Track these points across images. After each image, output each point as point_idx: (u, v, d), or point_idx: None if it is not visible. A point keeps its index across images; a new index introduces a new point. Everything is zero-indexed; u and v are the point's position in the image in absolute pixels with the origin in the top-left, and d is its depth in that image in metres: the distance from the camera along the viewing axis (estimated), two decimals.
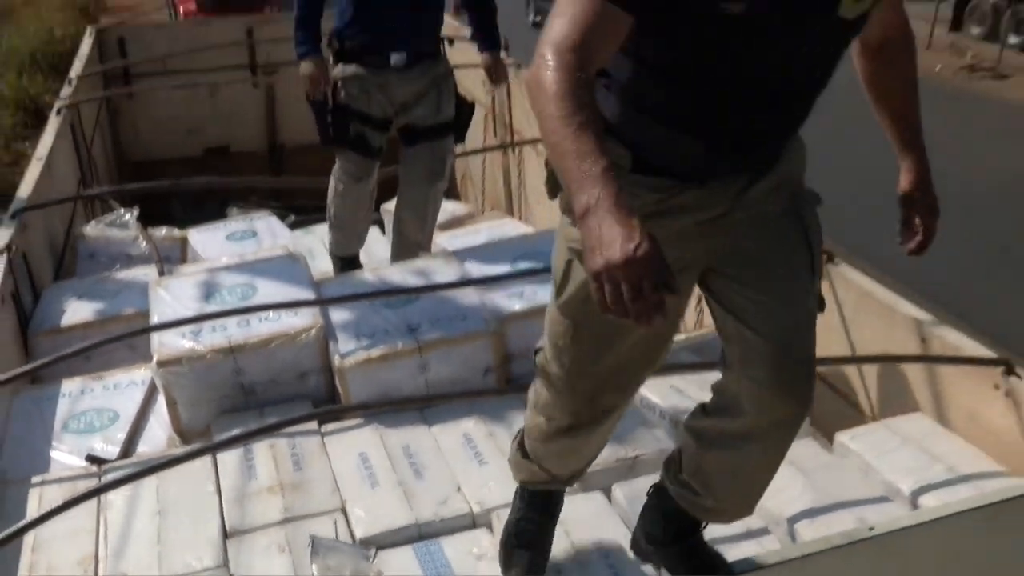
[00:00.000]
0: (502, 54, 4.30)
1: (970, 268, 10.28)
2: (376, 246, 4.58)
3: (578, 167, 1.35)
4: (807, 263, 1.85)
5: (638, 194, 1.62)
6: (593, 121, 1.42)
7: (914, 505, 2.46)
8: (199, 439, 2.93)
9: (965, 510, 2.11)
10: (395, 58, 3.77)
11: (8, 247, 3.57)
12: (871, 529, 2.05)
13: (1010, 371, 2.68)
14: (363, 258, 4.35)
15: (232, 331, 3.04)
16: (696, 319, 4.19)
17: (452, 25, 4.64)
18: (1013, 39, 20.63)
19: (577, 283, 1.79)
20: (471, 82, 4.60)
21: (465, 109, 4.15)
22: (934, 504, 2.25)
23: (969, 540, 2.17)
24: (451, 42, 4.18)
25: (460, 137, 4.24)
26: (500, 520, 2.48)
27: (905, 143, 2.10)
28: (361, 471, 2.71)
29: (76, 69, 6.59)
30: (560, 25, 1.51)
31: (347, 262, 4.11)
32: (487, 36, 4.16)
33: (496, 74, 4.25)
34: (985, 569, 2.23)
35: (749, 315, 1.81)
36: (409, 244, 4.09)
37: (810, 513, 2.47)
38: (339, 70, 3.82)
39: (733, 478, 2.02)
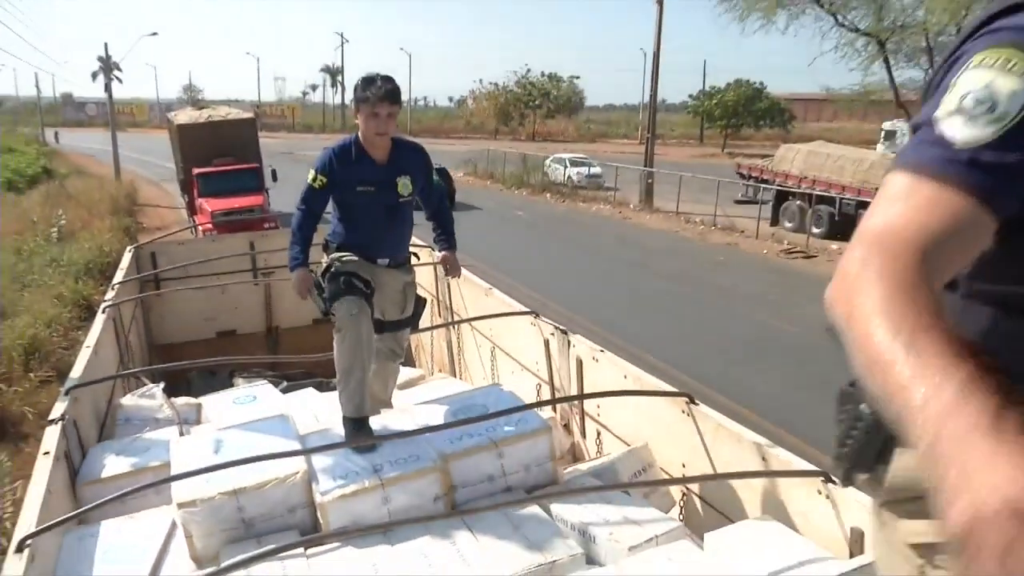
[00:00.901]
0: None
1: (795, 394, 10.52)
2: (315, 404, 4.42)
3: (923, 375, 0.76)
4: None
5: None
6: (941, 325, 0.82)
7: None
8: (210, 564, 2.85)
9: None
10: (380, 261, 3.85)
11: (62, 416, 3.53)
12: None
13: (828, 480, 2.76)
14: (308, 414, 4.05)
15: (235, 477, 2.99)
16: (597, 448, 4.23)
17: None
18: (815, 230, 21.70)
19: None
20: (425, 276, 4.66)
21: (420, 306, 4.17)
22: None
23: None
24: (417, 256, 4.22)
25: (415, 328, 4.26)
26: None
27: None
28: None
29: (118, 277, 6.61)
30: (891, 215, 0.96)
31: (358, 424, 3.53)
32: (447, 239, 4.14)
33: (451, 269, 4.23)
34: None
35: None
36: (376, 402, 4.02)
37: None
38: (334, 256, 3.78)
39: None
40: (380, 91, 3.56)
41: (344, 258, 3.77)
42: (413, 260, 4.16)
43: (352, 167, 3.73)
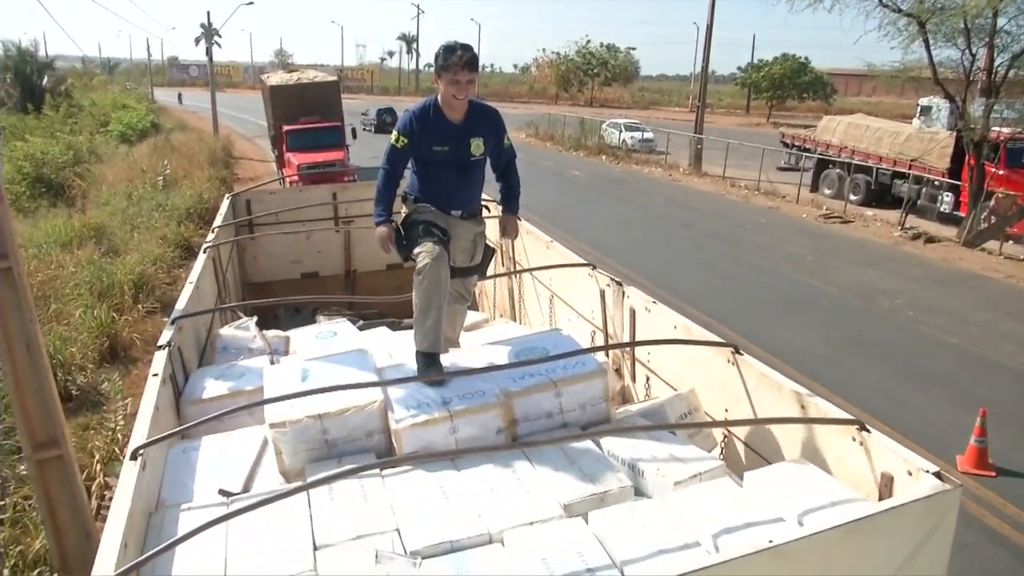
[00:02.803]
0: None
1: (827, 350, 10.30)
2: (389, 341, 4.38)
3: None
4: None
5: None
6: None
7: (800, 523, 2.43)
8: (297, 479, 2.91)
9: (836, 526, 2.15)
10: (454, 212, 3.86)
11: (168, 343, 3.60)
12: (770, 541, 2.05)
13: (862, 428, 2.69)
14: (383, 350, 4.07)
15: (320, 403, 3.03)
16: (646, 392, 4.19)
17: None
18: (852, 197, 21.08)
19: None
20: (491, 228, 4.60)
21: (488, 255, 4.15)
22: (815, 522, 2.23)
23: (840, 547, 2.18)
24: (488, 208, 4.16)
25: (483, 275, 4.28)
26: (510, 538, 2.46)
27: None
28: (410, 503, 2.68)
29: (218, 220, 6.71)
30: None
31: (430, 359, 3.50)
32: (511, 202, 4.10)
33: (509, 231, 4.17)
34: (852, 566, 2.23)
35: None
36: (445, 341, 3.98)
37: (728, 531, 2.43)
38: (413, 206, 3.84)
39: None
40: (462, 59, 3.53)
41: (423, 210, 3.78)
42: (484, 212, 4.13)
43: (430, 127, 3.69)
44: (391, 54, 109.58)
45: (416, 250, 3.63)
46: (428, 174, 3.81)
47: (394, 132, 3.77)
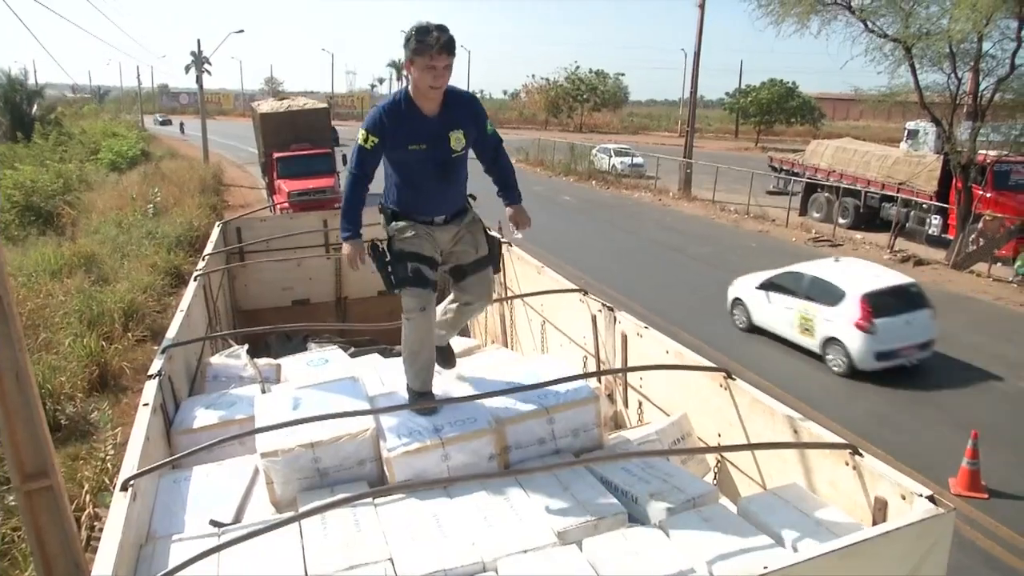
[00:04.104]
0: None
1: (823, 372, 10.33)
2: (381, 368, 4.30)
3: None
4: None
5: None
6: None
7: (795, 548, 2.43)
8: (289, 509, 2.89)
9: (831, 551, 2.15)
10: (437, 218, 3.44)
11: (159, 372, 3.59)
12: (765, 567, 2.05)
13: (855, 452, 2.70)
14: (375, 378, 3.91)
15: (312, 432, 3.02)
16: (638, 417, 4.19)
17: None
18: (841, 221, 21.25)
19: None
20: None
21: (494, 246, 3.70)
22: (809, 547, 2.23)
23: (835, 572, 2.18)
24: (474, 198, 3.66)
25: (496, 267, 3.76)
26: (504, 567, 2.45)
27: None
28: (403, 531, 2.66)
29: (208, 248, 6.71)
30: None
31: (422, 395, 3.37)
32: (510, 191, 3.64)
33: (521, 222, 3.67)
34: None
35: None
36: (454, 327, 3.86)
37: (723, 557, 2.44)
38: (393, 226, 3.41)
39: None
40: (439, 41, 3.09)
41: (406, 234, 3.39)
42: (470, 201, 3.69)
43: (403, 124, 3.25)
44: (381, 81, 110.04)
45: (404, 293, 3.36)
46: (404, 178, 3.38)
47: (361, 131, 3.28)
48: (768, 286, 11.68)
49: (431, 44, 3.09)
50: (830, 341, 10.50)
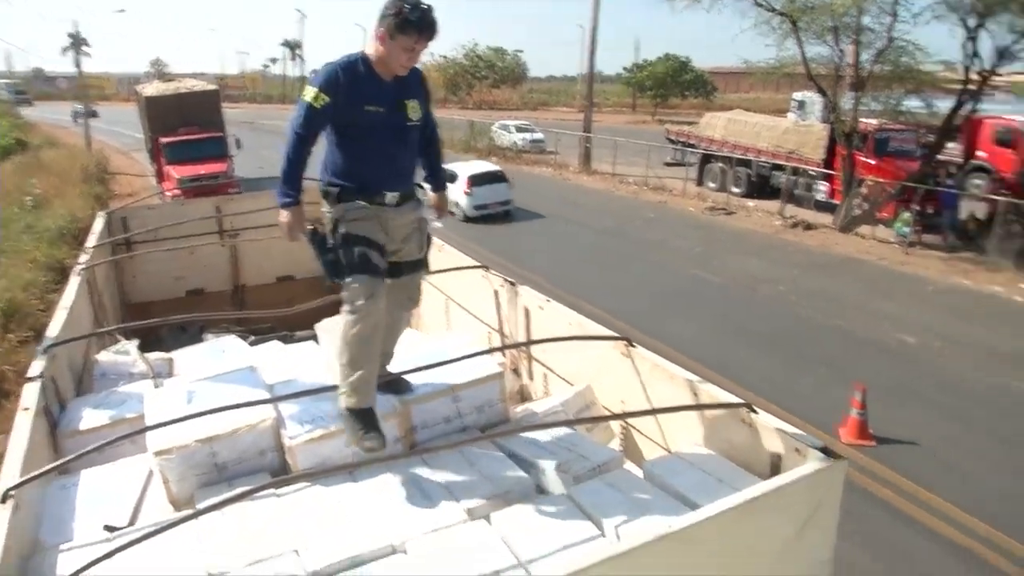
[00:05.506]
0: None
1: (719, 336, 10.70)
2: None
3: None
4: None
5: None
6: None
7: (696, 506, 2.50)
8: (187, 507, 2.79)
9: (730, 507, 2.23)
10: (389, 196, 3.13)
11: (40, 374, 3.39)
12: (669, 527, 2.10)
13: (751, 410, 2.80)
14: (274, 366, 3.63)
15: (208, 425, 2.92)
16: (544, 389, 4.23)
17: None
18: (735, 190, 21.94)
19: None
20: None
21: (430, 244, 3.52)
22: (711, 504, 2.29)
23: (735, 526, 2.26)
24: (421, 187, 3.41)
25: (427, 268, 3.55)
26: (413, 547, 2.43)
27: None
28: (309, 521, 2.61)
29: (90, 241, 6.36)
30: None
31: (363, 415, 2.95)
32: (437, 177, 3.52)
33: (442, 211, 3.57)
34: (749, 543, 2.32)
35: None
36: (384, 356, 3.34)
37: (629, 520, 2.49)
38: (340, 208, 3.09)
39: None
40: (432, 27, 2.98)
41: (355, 215, 3.09)
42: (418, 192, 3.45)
43: (361, 84, 3.01)
44: (274, 61, 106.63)
45: (349, 281, 3.01)
46: (356, 146, 3.10)
47: (310, 89, 3.00)
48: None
49: (421, 28, 2.95)
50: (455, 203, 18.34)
